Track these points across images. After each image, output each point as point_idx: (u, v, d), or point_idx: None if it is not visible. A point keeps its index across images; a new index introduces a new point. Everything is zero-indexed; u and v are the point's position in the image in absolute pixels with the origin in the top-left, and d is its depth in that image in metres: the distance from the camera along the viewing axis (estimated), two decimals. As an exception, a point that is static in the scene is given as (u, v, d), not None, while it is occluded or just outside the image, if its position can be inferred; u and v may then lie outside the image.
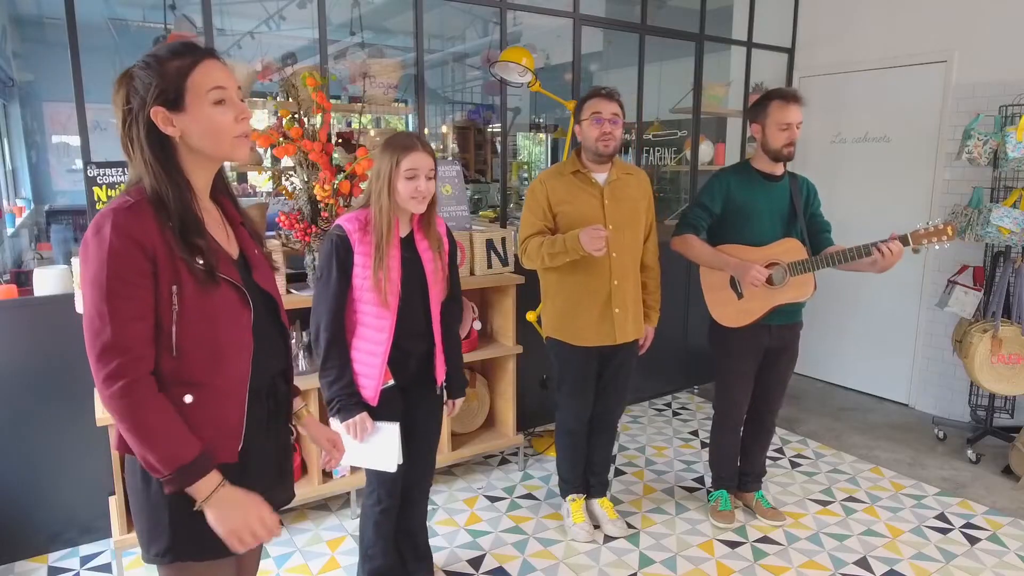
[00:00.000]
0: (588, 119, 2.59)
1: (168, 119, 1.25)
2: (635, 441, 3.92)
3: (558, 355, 2.79)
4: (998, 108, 3.70)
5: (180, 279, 1.23)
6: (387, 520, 2.29)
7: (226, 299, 1.30)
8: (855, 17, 4.55)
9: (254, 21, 5.85)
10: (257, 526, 1.27)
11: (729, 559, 2.78)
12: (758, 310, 2.75)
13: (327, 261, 2.08)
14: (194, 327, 1.26)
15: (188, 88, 1.25)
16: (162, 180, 1.25)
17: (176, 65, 1.25)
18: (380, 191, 2.03)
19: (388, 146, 2.06)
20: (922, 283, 4.33)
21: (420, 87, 3.44)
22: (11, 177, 5.44)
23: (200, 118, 1.26)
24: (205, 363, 1.28)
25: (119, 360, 1.18)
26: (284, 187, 2.93)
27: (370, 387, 2.13)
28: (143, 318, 1.21)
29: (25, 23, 5.81)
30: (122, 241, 1.19)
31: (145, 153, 1.25)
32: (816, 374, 5.01)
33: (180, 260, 1.23)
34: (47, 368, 2.67)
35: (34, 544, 2.75)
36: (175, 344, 1.24)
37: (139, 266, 1.20)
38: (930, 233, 2.50)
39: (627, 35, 4.30)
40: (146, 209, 1.23)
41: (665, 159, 5.76)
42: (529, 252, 2.63)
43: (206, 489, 1.24)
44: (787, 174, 2.82)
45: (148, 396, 1.21)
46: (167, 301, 1.23)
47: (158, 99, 1.24)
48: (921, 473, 3.55)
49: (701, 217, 2.83)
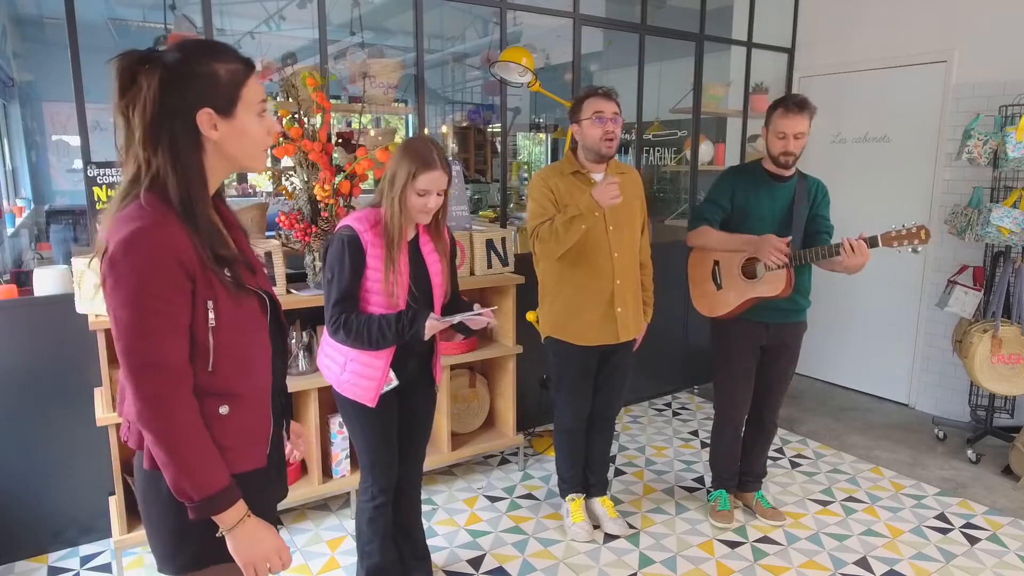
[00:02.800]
0: (590, 119, 2.58)
1: (213, 123, 1.22)
2: (635, 441, 3.92)
3: (557, 354, 2.79)
4: (998, 108, 3.69)
5: (215, 293, 1.22)
6: (382, 516, 2.30)
7: (250, 307, 1.30)
8: (855, 17, 4.55)
9: (254, 21, 5.85)
10: (274, 558, 1.29)
11: (729, 559, 2.78)
12: (734, 301, 2.80)
13: (338, 261, 2.03)
14: (228, 339, 1.25)
15: (242, 96, 1.24)
16: (194, 185, 1.21)
17: (230, 69, 1.23)
18: (393, 199, 2.02)
19: (408, 155, 2.02)
20: (922, 283, 4.33)
21: (420, 87, 3.44)
22: (11, 177, 5.44)
23: (246, 127, 1.25)
24: (237, 373, 1.28)
25: (161, 378, 1.17)
26: (284, 187, 2.93)
27: (371, 388, 2.12)
28: (182, 334, 1.20)
29: (25, 23, 5.81)
30: (162, 258, 1.16)
31: (180, 154, 1.20)
32: (816, 374, 5.01)
33: (212, 273, 1.22)
34: (47, 368, 2.67)
35: (34, 544, 2.75)
36: (212, 358, 1.23)
37: (179, 283, 1.18)
38: (902, 235, 2.46)
39: (627, 35, 4.30)
40: (175, 222, 1.18)
41: (665, 159, 5.76)
42: (542, 235, 2.56)
43: (233, 518, 1.24)
44: (797, 175, 2.82)
45: (189, 419, 1.20)
46: (203, 315, 1.21)
47: (210, 101, 1.21)
48: (921, 473, 3.55)
49: (713, 212, 2.87)
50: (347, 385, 2.15)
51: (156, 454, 1.20)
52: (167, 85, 1.18)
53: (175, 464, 1.19)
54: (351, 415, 2.21)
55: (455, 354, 3.24)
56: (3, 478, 2.66)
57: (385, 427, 2.22)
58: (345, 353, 2.14)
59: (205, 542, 1.28)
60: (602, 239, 2.64)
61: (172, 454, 1.19)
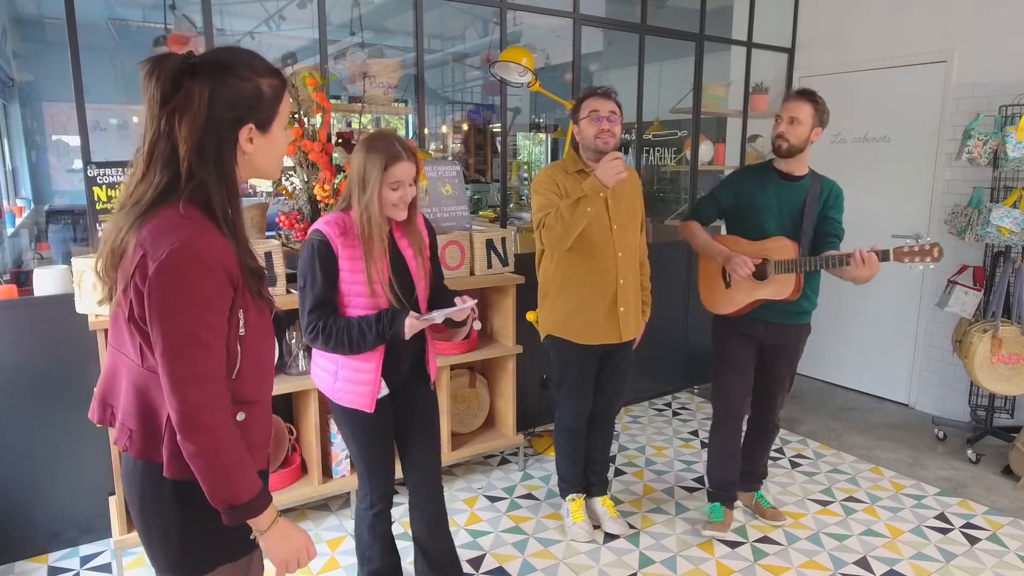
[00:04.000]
0: (586, 118, 2.61)
1: (250, 136, 1.23)
2: (635, 441, 3.92)
3: (559, 353, 2.79)
4: (998, 108, 3.70)
5: (246, 302, 1.25)
6: (382, 522, 2.27)
7: (267, 316, 1.33)
8: (855, 17, 4.55)
9: (254, 21, 5.85)
10: (303, 554, 1.33)
11: (729, 559, 2.78)
12: (741, 301, 2.80)
13: (309, 266, 2.00)
14: (251, 347, 1.27)
15: (279, 112, 1.27)
16: (234, 197, 1.23)
17: (273, 85, 1.24)
18: (370, 198, 1.97)
19: (374, 152, 1.97)
20: (922, 283, 4.33)
21: (420, 87, 3.44)
22: (11, 177, 5.44)
23: (277, 140, 1.28)
24: (255, 380, 1.30)
25: (211, 390, 1.18)
26: (284, 187, 2.93)
27: (367, 394, 2.07)
28: (224, 346, 1.21)
29: (25, 23, 5.80)
30: (215, 269, 1.17)
31: (224, 166, 1.21)
32: (816, 374, 5.01)
33: (243, 284, 1.23)
34: (47, 368, 2.67)
35: (34, 544, 2.75)
36: (239, 366, 1.25)
37: (227, 294, 1.20)
38: (914, 252, 2.45)
39: (627, 35, 4.30)
40: (218, 233, 1.20)
41: (665, 159, 5.76)
42: (548, 223, 2.52)
43: (267, 520, 1.27)
44: (810, 175, 2.77)
45: (232, 428, 1.22)
46: (236, 325, 1.23)
47: (254, 117, 1.23)
48: (921, 473, 3.55)
49: (708, 207, 2.90)
50: (341, 393, 2.10)
51: (196, 464, 1.19)
52: (218, 99, 1.18)
53: (218, 473, 1.19)
54: (346, 424, 2.16)
55: (455, 354, 3.24)
56: (3, 478, 2.66)
57: (380, 433, 2.18)
58: (335, 361, 2.09)
59: (211, 544, 1.29)
60: (607, 238, 2.64)
61: (216, 463, 1.19)
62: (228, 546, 1.31)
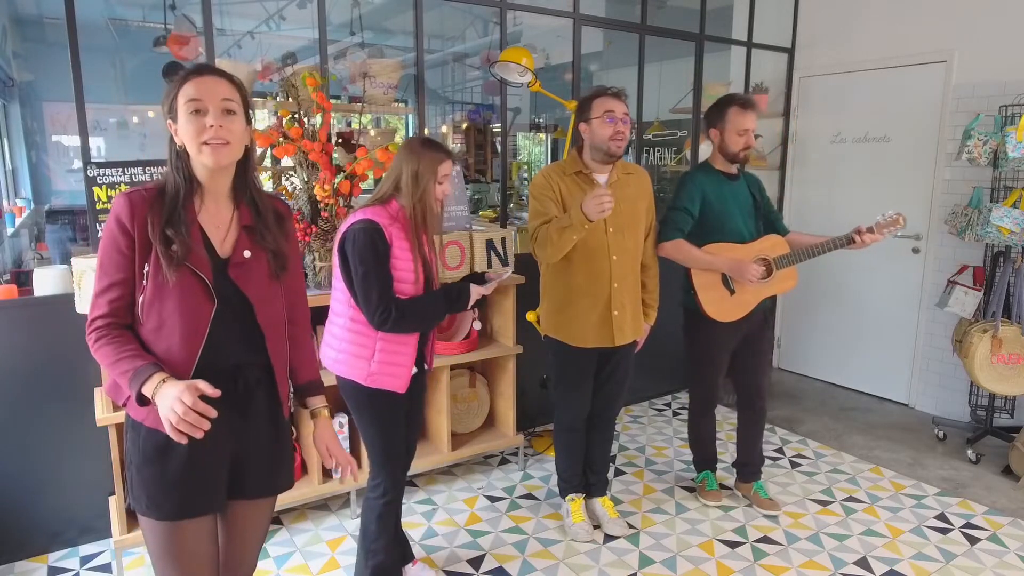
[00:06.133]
0: (600, 118, 2.56)
1: (174, 129, 1.47)
2: (635, 441, 3.92)
3: (557, 353, 2.79)
4: (998, 108, 3.69)
5: (153, 261, 1.44)
6: (391, 513, 2.29)
7: (186, 283, 1.45)
8: (855, 17, 4.55)
9: (254, 21, 5.84)
10: (177, 406, 1.31)
11: (729, 559, 2.77)
12: (751, 303, 2.88)
13: (371, 251, 2.06)
14: (151, 301, 1.45)
15: (178, 102, 1.45)
16: (169, 178, 1.49)
17: (175, 81, 1.47)
18: (423, 193, 2.12)
19: (426, 151, 2.14)
20: (922, 283, 4.33)
21: (420, 87, 3.44)
22: (11, 177, 5.44)
23: (181, 127, 1.46)
24: (156, 334, 1.46)
25: (95, 308, 1.47)
26: (284, 187, 2.93)
27: (403, 375, 2.16)
28: (120, 282, 1.47)
29: (25, 23, 5.80)
30: (110, 221, 1.46)
31: (169, 155, 1.49)
32: (816, 374, 5.01)
33: (143, 242, 1.44)
34: (47, 368, 2.67)
35: (34, 544, 2.75)
36: (141, 314, 1.47)
37: (122, 241, 1.45)
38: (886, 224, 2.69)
39: (627, 35, 4.30)
40: (137, 195, 1.46)
41: (665, 159, 5.76)
42: (539, 238, 2.56)
43: (150, 387, 1.38)
44: (742, 172, 2.98)
45: (102, 345, 1.46)
46: (141, 277, 1.46)
47: (168, 113, 1.48)
48: (921, 473, 3.55)
49: (686, 221, 2.86)
50: (377, 375, 2.15)
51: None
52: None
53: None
54: (371, 406, 2.19)
55: (455, 354, 3.24)
56: (3, 478, 2.66)
57: (403, 416, 2.26)
58: (373, 344, 2.14)
59: (149, 493, 1.50)
60: (601, 241, 2.62)
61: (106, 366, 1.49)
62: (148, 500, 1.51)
